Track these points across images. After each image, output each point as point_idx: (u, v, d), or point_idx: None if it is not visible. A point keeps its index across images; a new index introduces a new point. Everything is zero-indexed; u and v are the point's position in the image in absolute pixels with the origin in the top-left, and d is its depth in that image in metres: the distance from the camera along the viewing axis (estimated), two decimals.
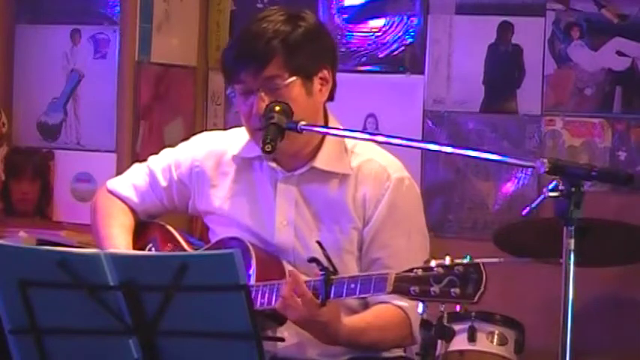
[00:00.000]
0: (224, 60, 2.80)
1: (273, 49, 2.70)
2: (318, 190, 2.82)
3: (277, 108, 2.66)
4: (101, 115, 4.67)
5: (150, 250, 2.93)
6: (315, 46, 2.77)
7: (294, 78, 2.71)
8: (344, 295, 2.49)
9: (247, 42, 2.74)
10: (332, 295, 2.49)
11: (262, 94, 2.69)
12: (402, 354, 2.98)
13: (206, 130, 3.38)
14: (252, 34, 2.74)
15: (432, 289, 2.35)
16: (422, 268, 2.38)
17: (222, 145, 2.94)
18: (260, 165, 2.87)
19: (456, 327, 3.93)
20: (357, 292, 2.48)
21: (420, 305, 2.41)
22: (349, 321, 2.67)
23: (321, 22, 2.88)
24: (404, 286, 2.39)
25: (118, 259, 2.24)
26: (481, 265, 2.34)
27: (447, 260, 2.36)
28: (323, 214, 2.81)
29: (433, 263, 2.37)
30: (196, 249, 2.91)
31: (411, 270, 2.40)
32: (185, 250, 2.89)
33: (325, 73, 2.78)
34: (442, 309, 2.38)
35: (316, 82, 2.77)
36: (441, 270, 2.35)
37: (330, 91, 2.82)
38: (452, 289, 2.33)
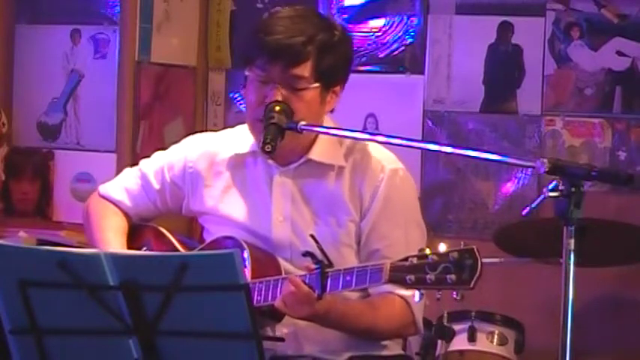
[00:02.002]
0: (253, 43, 2.77)
1: (310, 51, 2.71)
2: (315, 184, 2.83)
3: (277, 108, 2.67)
4: (101, 115, 4.67)
5: None
6: (342, 58, 2.80)
7: (317, 84, 2.73)
8: (340, 287, 2.50)
9: (286, 35, 2.72)
10: (328, 289, 2.50)
11: (282, 89, 2.70)
12: (402, 352, 2.99)
13: (206, 130, 3.38)
14: (291, 28, 2.73)
15: (427, 276, 2.36)
16: (417, 256, 2.40)
17: (215, 146, 2.95)
18: (254, 161, 2.88)
19: (456, 327, 3.94)
20: (353, 284, 2.50)
21: (417, 293, 2.42)
22: (346, 305, 2.68)
23: (349, 32, 2.89)
24: (400, 275, 2.41)
25: (118, 259, 2.24)
26: (475, 249, 2.34)
27: (442, 248, 2.36)
28: (319, 208, 2.82)
29: (428, 251, 2.38)
30: (190, 249, 2.91)
31: (406, 259, 2.41)
32: (179, 251, 2.89)
33: (338, 88, 2.81)
34: (439, 296, 2.38)
35: (330, 93, 2.79)
36: (435, 257, 2.37)
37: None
38: (447, 276, 2.34)
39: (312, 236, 2.57)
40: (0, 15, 4.72)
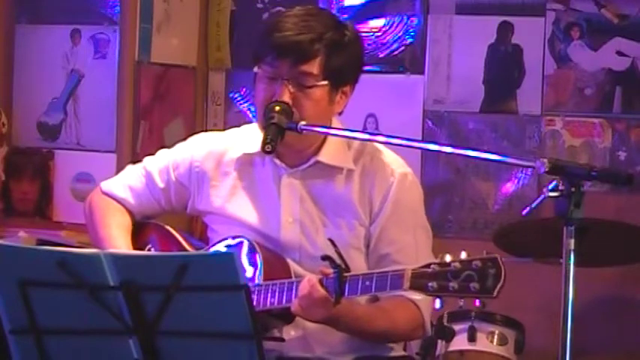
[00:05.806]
0: (262, 40, 2.78)
1: (319, 48, 2.71)
2: (324, 186, 2.82)
3: (277, 108, 2.66)
4: (101, 115, 4.66)
5: (149, 250, 2.92)
6: (352, 57, 2.80)
7: (325, 82, 2.72)
8: (359, 292, 2.49)
9: (295, 32, 2.72)
10: (346, 293, 2.49)
11: (290, 86, 2.70)
12: (405, 353, 2.98)
13: (206, 130, 3.38)
14: (301, 26, 2.73)
15: (450, 284, 2.34)
16: (438, 263, 2.37)
17: (221, 145, 2.94)
18: (262, 161, 2.86)
19: (456, 327, 3.94)
20: (373, 290, 2.48)
21: (437, 301, 2.41)
22: (359, 310, 2.67)
23: (359, 33, 2.89)
24: (422, 282, 2.38)
25: (118, 259, 2.24)
26: (499, 259, 2.33)
27: (464, 255, 2.35)
28: (328, 210, 2.81)
29: (448, 258, 2.36)
30: (197, 249, 2.91)
31: (427, 266, 2.38)
32: (185, 250, 2.89)
33: (348, 88, 2.80)
34: (462, 304, 2.38)
35: (339, 93, 2.78)
36: (458, 265, 2.34)
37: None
38: (471, 284, 2.32)
39: (330, 240, 2.56)
40: (0, 15, 4.72)
